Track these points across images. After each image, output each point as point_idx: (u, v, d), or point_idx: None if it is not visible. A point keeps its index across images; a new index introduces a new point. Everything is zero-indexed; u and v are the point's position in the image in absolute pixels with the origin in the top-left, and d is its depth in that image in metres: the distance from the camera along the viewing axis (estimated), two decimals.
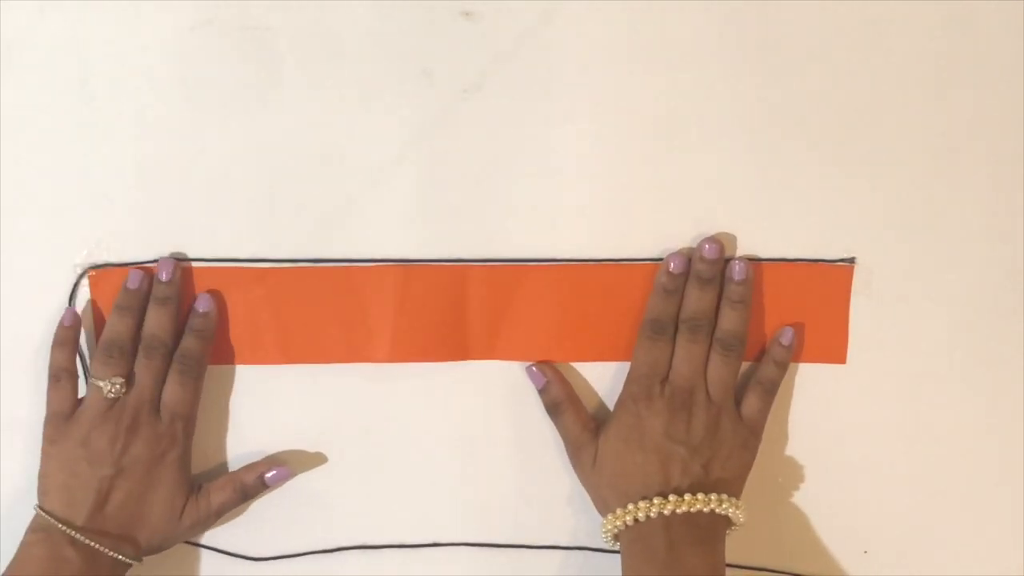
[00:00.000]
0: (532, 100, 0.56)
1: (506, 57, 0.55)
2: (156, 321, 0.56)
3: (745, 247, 0.58)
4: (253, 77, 0.55)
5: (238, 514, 0.60)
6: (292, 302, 0.58)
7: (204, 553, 0.60)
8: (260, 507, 0.60)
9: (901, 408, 0.59)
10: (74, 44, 0.55)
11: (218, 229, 0.57)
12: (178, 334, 0.57)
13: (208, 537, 0.60)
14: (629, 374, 0.57)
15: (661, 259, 0.57)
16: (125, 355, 0.56)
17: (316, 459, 0.60)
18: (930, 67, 0.55)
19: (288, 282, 0.58)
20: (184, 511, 0.56)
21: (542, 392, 0.58)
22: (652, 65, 0.56)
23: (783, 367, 0.57)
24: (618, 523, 0.54)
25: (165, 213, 0.57)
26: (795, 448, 0.60)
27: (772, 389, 0.57)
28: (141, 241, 0.57)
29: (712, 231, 0.57)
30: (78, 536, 0.53)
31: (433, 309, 0.58)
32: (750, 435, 0.56)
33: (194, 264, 0.57)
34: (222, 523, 0.60)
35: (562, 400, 0.58)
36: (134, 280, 0.56)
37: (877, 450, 0.60)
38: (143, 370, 0.56)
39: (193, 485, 0.57)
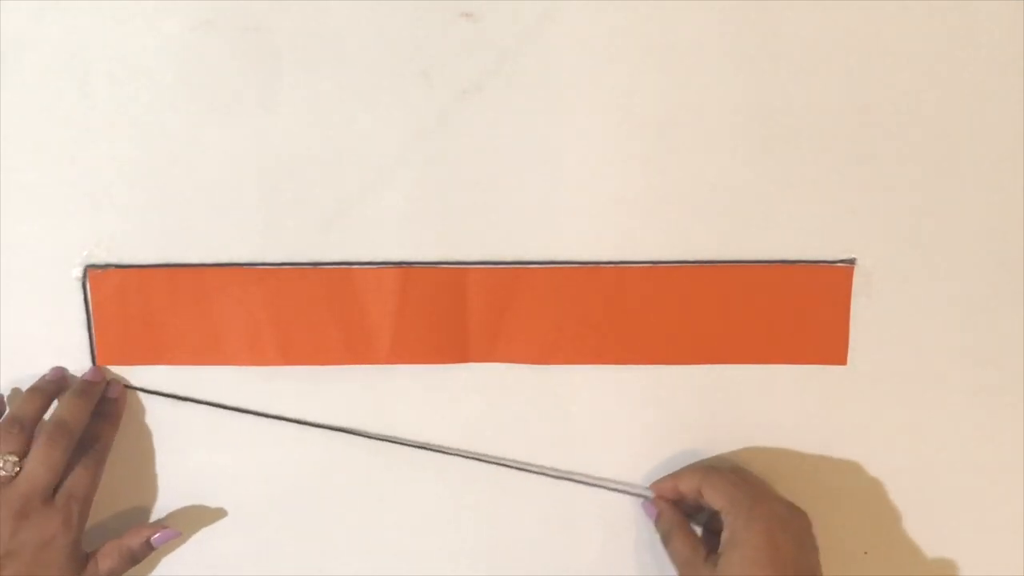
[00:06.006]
0: (532, 101, 0.56)
1: (506, 57, 0.55)
2: (71, 408, 0.56)
3: (746, 247, 0.58)
4: (253, 77, 0.55)
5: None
6: (291, 304, 0.58)
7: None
8: (259, 505, 0.60)
9: (901, 408, 0.59)
10: (74, 44, 0.55)
11: (218, 229, 0.57)
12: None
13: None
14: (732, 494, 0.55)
15: (662, 261, 0.57)
16: (25, 433, 0.55)
17: (314, 460, 0.60)
18: (930, 67, 0.56)
19: (287, 283, 0.58)
20: None
21: (656, 523, 0.59)
22: (652, 66, 0.56)
23: None
24: None
25: (165, 213, 0.57)
26: (795, 448, 0.60)
27: None
28: (141, 241, 0.57)
29: (712, 231, 0.57)
30: None
31: (433, 311, 0.58)
32: None
33: (194, 265, 0.57)
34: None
35: (673, 527, 0.58)
36: (55, 372, 0.58)
37: (877, 450, 0.60)
38: (41, 458, 0.54)
39: (82, 558, 0.56)
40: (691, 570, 0.56)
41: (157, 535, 0.58)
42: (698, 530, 0.59)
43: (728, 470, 0.58)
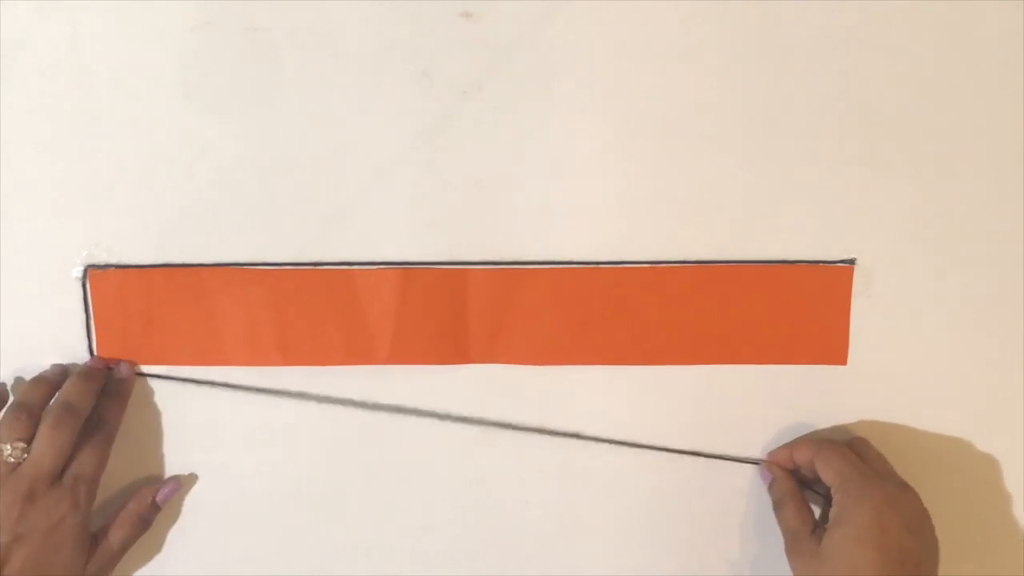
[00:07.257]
0: (532, 100, 0.56)
1: (506, 57, 0.55)
2: (76, 390, 0.56)
3: (746, 247, 0.58)
4: (253, 77, 0.55)
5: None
6: (292, 304, 0.58)
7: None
8: (258, 509, 0.60)
9: (901, 408, 0.60)
10: (74, 44, 0.55)
11: (218, 230, 0.57)
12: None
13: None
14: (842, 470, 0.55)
15: (661, 261, 0.57)
16: (32, 420, 0.55)
17: (315, 460, 0.60)
18: (930, 67, 0.56)
19: (288, 284, 0.58)
20: (88, 565, 0.56)
21: (769, 488, 0.59)
22: (652, 66, 0.56)
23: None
24: None
25: (165, 213, 0.57)
26: None
27: None
28: (141, 241, 0.57)
29: (713, 232, 0.57)
30: None
31: (433, 312, 0.58)
32: None
33: (194, 265, 0.58)
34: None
35: (785, 495, 0.58)
36: (56, 368, 0.58)
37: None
38: (46, 440, 0.54)
39: (93, 537, 0.57)
40: (796, 542, 0.56)
41: (160, 492, 0.59)
42: (817, 510, 0.59)
43: (843, 444, 0.57)
